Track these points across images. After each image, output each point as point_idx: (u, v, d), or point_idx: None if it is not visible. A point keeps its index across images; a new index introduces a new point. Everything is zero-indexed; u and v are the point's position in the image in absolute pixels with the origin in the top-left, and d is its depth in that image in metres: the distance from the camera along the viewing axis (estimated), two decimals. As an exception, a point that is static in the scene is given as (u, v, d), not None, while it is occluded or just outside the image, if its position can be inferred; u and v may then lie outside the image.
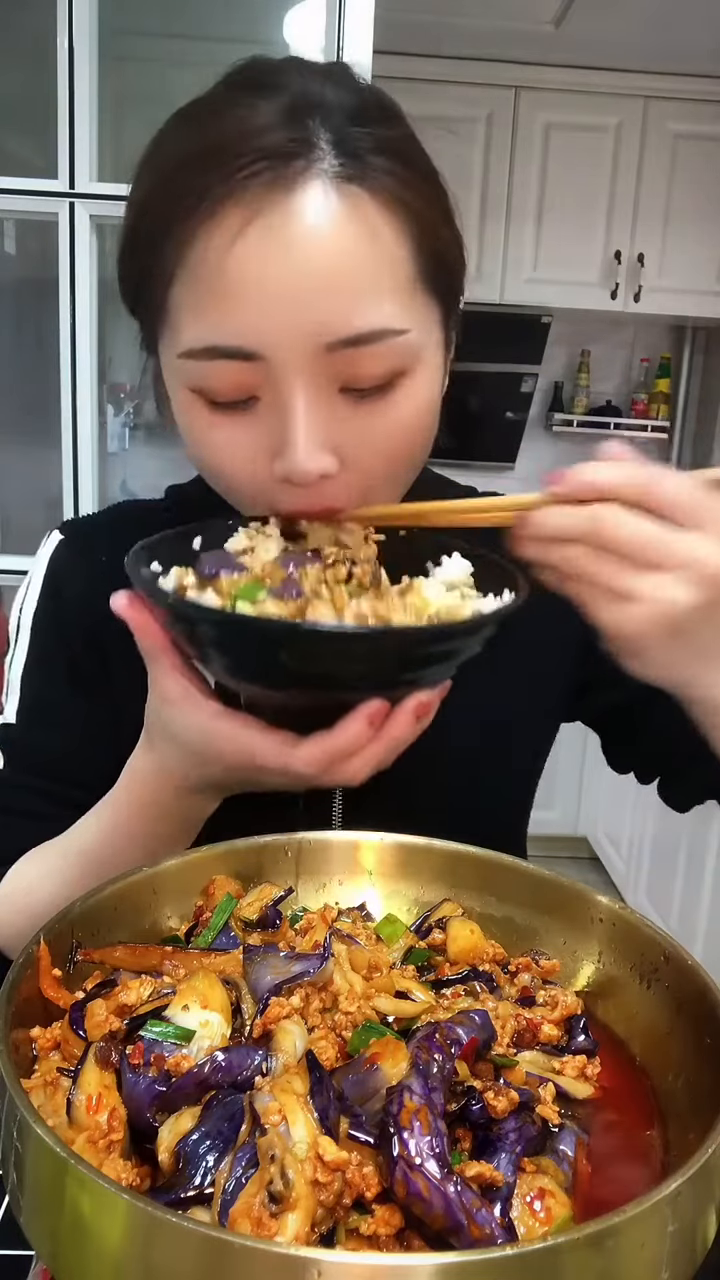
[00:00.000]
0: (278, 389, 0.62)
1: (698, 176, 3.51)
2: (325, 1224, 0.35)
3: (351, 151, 0.61)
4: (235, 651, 0.59)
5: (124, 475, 2.54)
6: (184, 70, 0.67)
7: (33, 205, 1.64)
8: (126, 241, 0.67)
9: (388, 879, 0.59)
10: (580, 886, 0.55)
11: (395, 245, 0.62)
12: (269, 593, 0.62)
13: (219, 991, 0.43)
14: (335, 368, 0.62)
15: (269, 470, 0.65)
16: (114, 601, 0.63)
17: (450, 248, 0.68)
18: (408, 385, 0.65)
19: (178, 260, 0.62)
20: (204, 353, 0.62)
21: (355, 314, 0.60)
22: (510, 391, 3.77)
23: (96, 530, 0.88)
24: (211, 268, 0.60)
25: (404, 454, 0.68)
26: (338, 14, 1.53)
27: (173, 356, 0.65)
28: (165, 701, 0.64)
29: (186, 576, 0.64)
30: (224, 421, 0.65)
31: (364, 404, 0.64)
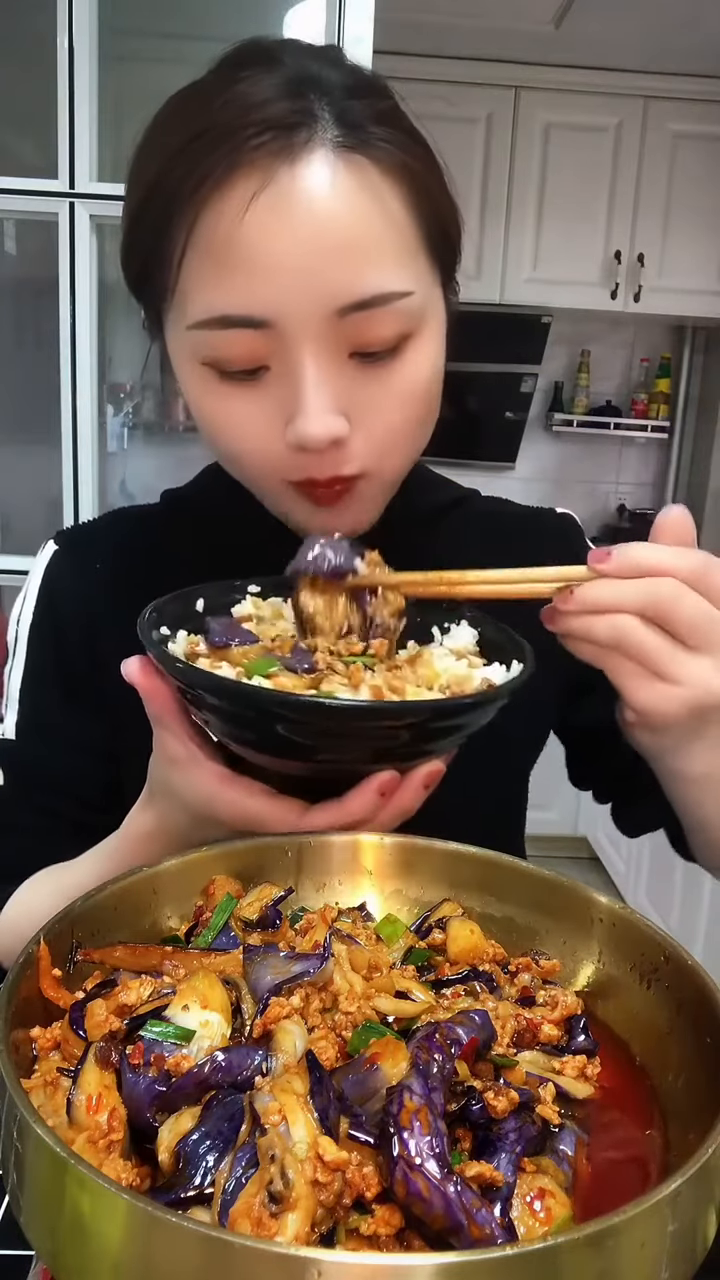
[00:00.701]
0: (288, 356, 0.63)
1: (698, 176, 3.51)
2: (325, 1224, 0.35)
3: (352, 122, 0.62)
4: (251, 724, 0.59)
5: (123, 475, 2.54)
6: (184, 70, 0.68)
7: (33, 205, 1.64)
8: (132, 224, 0.67)
9: (388, 879, 0.59)
10: (580, 886, 0.55)
11: (399, 209, 0.64)
12: (281, 665, 0.63)
13: (219, 991, 0.43)
14: (345, 332, 0.63)
15: (281, 440, 0.65)
16: (125, 668, 0.63)
17: (449, 215, 0.69)
18: (414, 348, 0.66)
19: (187, 235, 0.62)
20: (215, 322, 0.63)
21: (364, 278, 0.62)
22: (510, 391, 3.77)
23: (92, 539, 0.88)
24: (222, 238, 0.61)
25: (412, 419, 0.69)
26: (338, 14, 1.53)
27: (181, 331, 0.65)
28: (171, 764, 0.64)
29: (198, 645, 0.65)
30: (235, 393, 0.66)
31: (373, 368, 0.65)
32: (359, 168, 0.62)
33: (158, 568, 0.84)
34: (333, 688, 0.61)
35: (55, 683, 0.84)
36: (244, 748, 0.62)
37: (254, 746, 0.61)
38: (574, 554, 0.87)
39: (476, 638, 0.71)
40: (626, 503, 4.16)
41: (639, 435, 4.05)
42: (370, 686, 0.61)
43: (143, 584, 0.82)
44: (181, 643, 0.66)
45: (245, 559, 0.80)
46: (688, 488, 4.11)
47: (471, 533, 0.87)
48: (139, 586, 0.82)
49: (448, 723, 0.59)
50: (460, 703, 0.59)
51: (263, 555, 0.78)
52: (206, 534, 0.84)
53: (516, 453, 3.98)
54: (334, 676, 0.63)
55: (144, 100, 0.69)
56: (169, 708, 0.63)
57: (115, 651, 0.80)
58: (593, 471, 4.17)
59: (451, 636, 0.72)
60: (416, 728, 0.58)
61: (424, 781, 0.61)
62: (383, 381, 0.65)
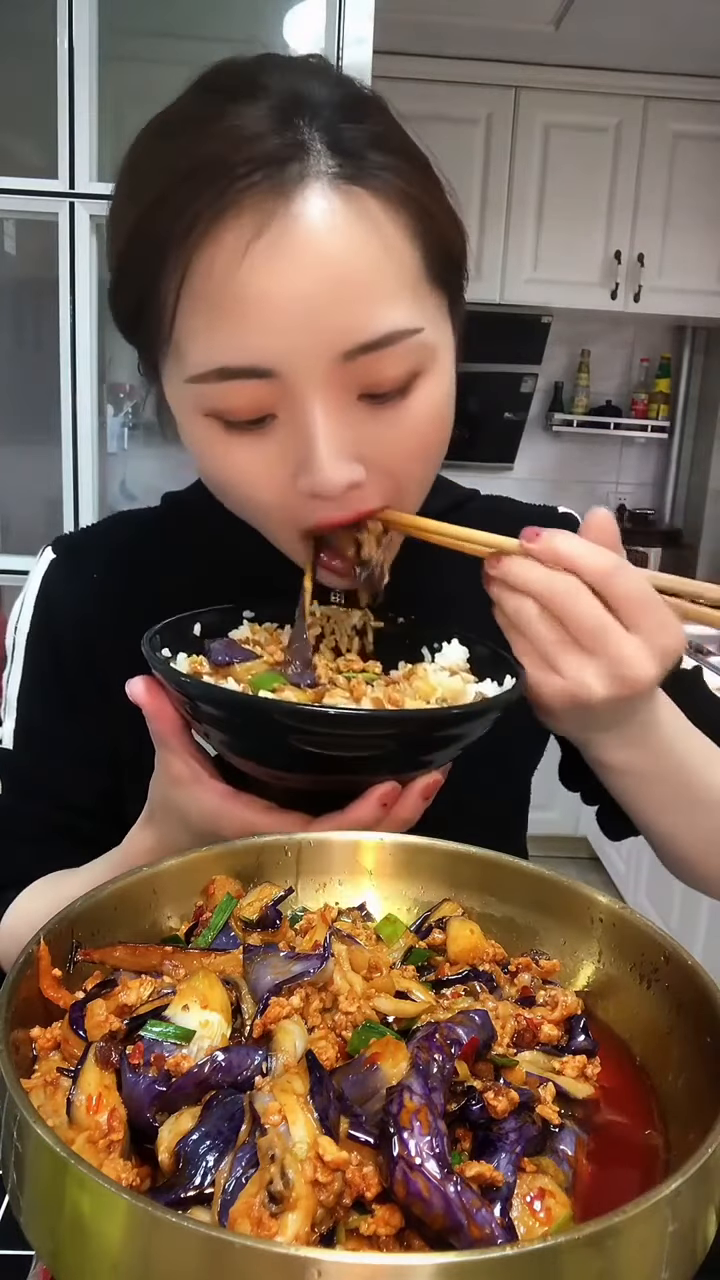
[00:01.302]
0: (295, 404, 0.60)
1: (698, 176, 3.51)
2: (325, 1224, 0.35)
3: (347, 150, 0.59)
4: (259, 737, 0.60)
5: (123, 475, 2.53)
6: (184, 70, 0.66)
7: (33, 205, 1.64)
8: (118, 272, 0.64)
9: (388, 879, 0.59)
10: (580, 886, 0.55)
11: (401, 243, 0.61)
12: (286, 679, 0.64)
13: (219, 991, 0.43)
14: (352, 376, 0.60)
15: (293, 487, 0.63)
16: (130, 687, 0.63)
17: (453, 237, 0.66)
18: (424, 385, 0.64)
19: (178, 284, 0.59)
20: (214, 374, 0.60)
21: (368, 319, 0.59)
22: (510, 391, 3.77)
23: (89, 546, 0.87)
24: (217, 288, 0.58)
25: (426, 454, 0.68)
26: (338, 14, 1.53)
27: (180, 382, 0.63)
28: (174, 783, 0.64)
29: (201, 664, 0.66)
30: (241, 443, 0.63)
31: (383, 409, 0.63)
32: (357, 200, 0.59)
33: (157, 573, 0.83)
34: (335, 701, 0.63)
35: (52, 693, 0.83)
36: (248, 762, 0.63)
37: (260, 759, 0.63)
38: None
39: (467, 655, 0.73)
40: (626, 503, 4.17)
41: (639, 435, 4.05)
42: (371, 699, 0.63)
43: (141, 591, 0.83)
44: (184, 663, 0.67)
45: (246, 562, 0.80)
46: (688, 488, 4.11)
47: None
48: (137, 594, 0.82)
49: (446, 732, 0.60)
50: (459, 712, 0.60)
51: (263, 559, 0.78)
52: (207, 537, 0.83)
53: (515, 453, 3.98)
54: (336, 690, 0.65)
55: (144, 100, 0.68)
56: (173, 727, 0.63)
57: (113, 660, 0.80)
58: (592, 471, 4.17)
59: (443, 654, 0.74)
60: (415, 737, 0.60)
61: (423, 793, 0.63)
62: (394, 422, 0.63)
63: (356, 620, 0.77)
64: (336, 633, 0.76)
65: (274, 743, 0.59)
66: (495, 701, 0.61)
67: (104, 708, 0.81)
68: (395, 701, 0.63)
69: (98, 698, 0.81)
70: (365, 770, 0.61)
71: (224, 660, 0.67)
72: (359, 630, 0.77)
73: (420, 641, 0.76)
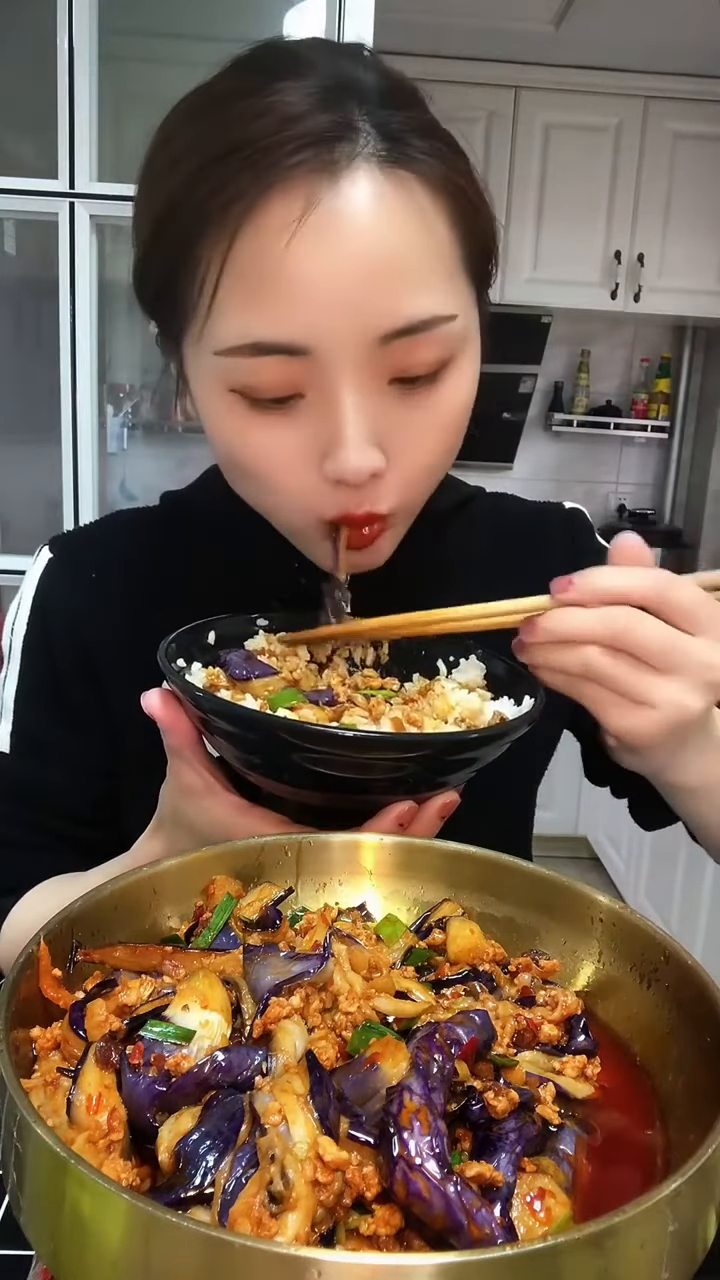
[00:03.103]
0: (326, 385, 0.60)
1: (698, 176, 3.51)
2: (325, 1224, 0.35)
3: (394, 135, 0.59)
4: (274, 756, 0.60)
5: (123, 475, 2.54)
6: (184, 70, 0.66)
7: (33, 205, 1.64)
8: (150, 243, 0.64)
9: (388, 879, 0.59)
10: (580, 886, 0.55)
11: (442, 228, 0.61)
12: (304, 698, 0.64)
13: (219, 991, 0.43)
14: (386, 359, 0.60)
15: (316, 473, 0.63)
16: (145, 700, 0.63)
17: (488, 227, 0.66)
18: (454, 373, 0.64)
19: (222, 256, 0.59)
20: (248, 349, 0.59)
21: (409, 303, 0.59)
22: (510, 391, 3.77)
23: (87, 545, 0.86)
24: (261, 263, 0.58)
25: (445, 450, 0.67)
26: (338, 14, 1.53)
27: (207, 356, 0.62)
28: (187, 794, 0.64)
29: (219, 678, 0.66)
30: (265, 422, 0.63)
31: (413, 395, 0.63)
32: (403, 184, 0.59)
33: (155, 574, 0.83)
34: (354, 720, 0.63)
35: (48, 697, 0.82)
36: (264, 778, 0.63)
37: (277, 777, 0.62)
38: (581, 550, 0.87)
39: (484, 672, 0.73)
40: (626, 503, 4.16)
41: (639, 435, 4.05)
42: (391, 719, 0.63)
43: (140, 591, 0.82)
44: (199, 675, 0.67)
45: (247, 563, 0.80)
46: (688, 488, 4.11)
47: (477, 533, 0.87)
48: (135, 594, 0.82)
49: (465, 755, 0.60)
50: (477, 736, 0.60)
51: (264, 559, 0.77)
52: (207, 537, 0.83)
53: (515, 453, 3.98)
54: (355, 709, 0.64)
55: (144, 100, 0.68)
56: (188, 740, 0.63)
57: (110, 662, 0.80)
58: (592, 471, 4.17)
59: (461, 670, 0.74)
60: (435, 759, 0.59)
61: (440, 812, 0.63)
62: (421, 409, 0.63)
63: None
64: (351, 643, 0.76)
65: (290, 762, 0.58)
66: (514, 724, 0.61)
67: (101, 710, 0.80)
68: (414, 722, 0.63)
69: (95, 700, 0.80)
70: (381, 790, 0.61)
71: (243, 675, 0.66)
72: (374, 641, 0.76)
73: (436, 654, 0.75)
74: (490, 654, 0.73)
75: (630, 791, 0.89)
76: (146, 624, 0.75)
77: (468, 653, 0.74)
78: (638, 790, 0.88)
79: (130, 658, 0.66)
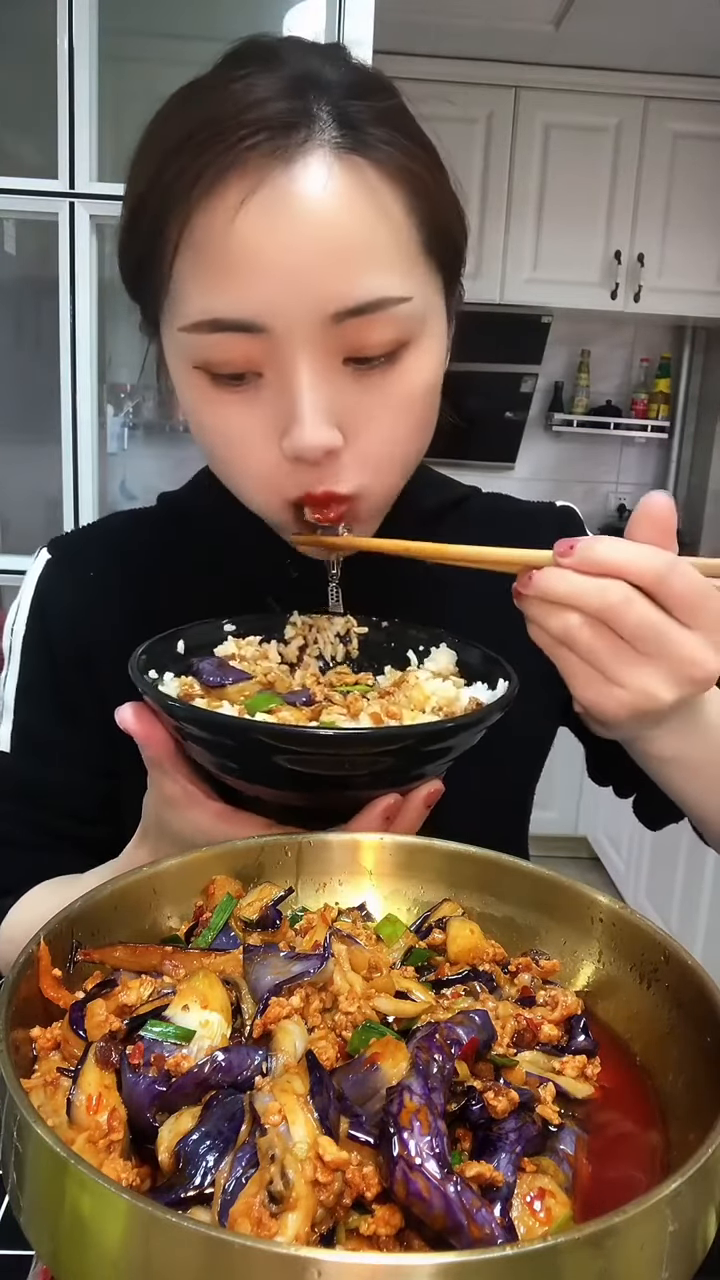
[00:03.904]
0: (282, 362, 0.61)
1: (698, 176, 3.51)
2: (325, 1224, 0.35)
3: (351, 123, 0.61)
4: (257, 762, 0.60)
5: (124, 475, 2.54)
6: (184, 70, 0.67)
7: (33, 205, 1.64)
8: (128, 223, 0.66)
9: (388, 879, 0.59)
10: (580, 886, 0.55)
11: (399, 213, 0.62)
12: (281, 699, 0.64)
13: (219, 991, 0.43)
14: (340, 338, 0.61)
15: (277, 452, 0.64)
16: (120, 715, 0.63)
17: (452, 219, 0.67)
18: (411, 356, 0.64)
19: (181, 235, 0.61)
20: (207, 325, 0.61)
21: (360, 282, 0.60)
22: (510, 391, 3.77)
23: (85, 546, 0.87)
24: (215, 240, 0.60)
25: (407, 431, 0.67)
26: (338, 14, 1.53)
27: (175, 332, 0.64)
28: (169, 805, 0.64)
29: (192, 686, 0.66)
30: (228, 399, 0.64)
31: (369, 375, 0.64)
32: (357, 169, 0.60)
33: (153, 573, 0.83)
34: (333, 718, 0.63)
35: (47, 697, 0.83)
36: (244, 782, 0.63)
37: (258, 781, 0.63)
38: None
39: (456, 659, 0.73)
40: (626, 503, 4.16)
41: (639, 435, 4.05)
42: (369, 714, 0.63)
43: (137, 591, 0.82)
44: (172, 685, 0.67)
45: (241, 560, 0.80)
46: (688, 488, 4.11)
47: (471, 533, 0.87)
48: (133, 594, 0.82)
49: (442, 745, 0.60)
50: (453, 724, 0.60)
51: (260, 557, 0.78)
52: (202, 536, 0.83)
53: (516, 453, 3.98)
54: (333, 707, 0.65)
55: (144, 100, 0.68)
56: (165, 751, 0.63)
57: (109, 662, 0.80)
58: (592, 471, 4.17)
59: (432, 659, 0.74)
60: (415, 750, 0.59)
61: (426, 802, 0.63)
62: (378, 390, 0.64)
63: (340, 627, 0.77)
64: (320, 640, 0.76)
65: (271, 765, 0.59)
66: (489, 709, 0.61)
67: (100, 709, 0.80)
68: (393, 714, 0.63)
69: (94, 700, 0.80)
70: (364, 785, 0.61)
71: (216, 682, 0.66)
72: (343, 637, 0.77)
73: (405, 644, 0.76)
74: (461, 641, 0.74)
75: (633, 791, 0.89)
76: (145, 623, 0.75)
77: (437, 641, 0.75)
78: (641, 789, 0.88)
79: (126, 657, 0.66)
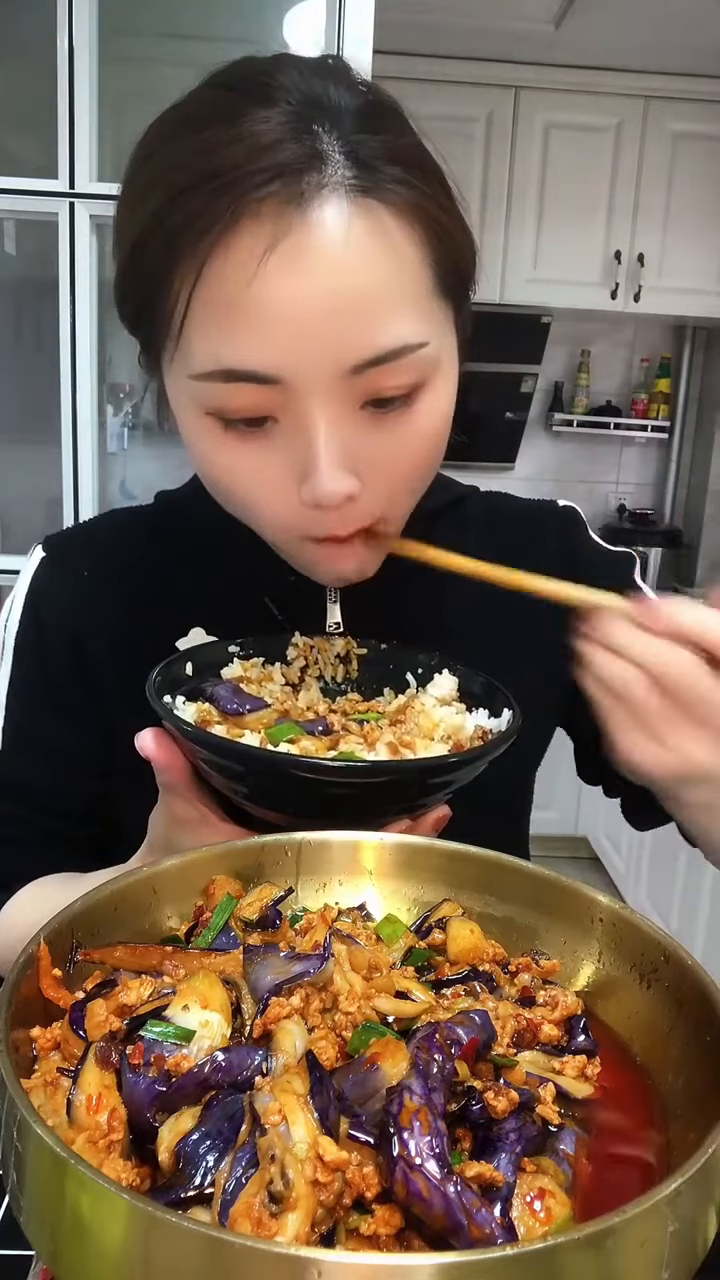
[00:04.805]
0: (298, 412, 0.61)
1: (698, 176, 3.51)
2: (325, 1224, 0.35)
3: (364, 162, 0.59)
4: (278, 791, 0.62)
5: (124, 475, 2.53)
6: (184, 70, 0.66)
7: (33, 205, 1.64)
8: (127, 266, 0.64)
9: (388, 879, 0.59)
10: (580, 886, 0.55)
11: (413, 256, 0.61)
12: (300, 729, 0.66)
13: (219, 991, 0.43)
14: (358, 388, 0.61)
15: (293, 494, 0.63)
16: (139, 741, 0.64)
17: (464, 250, 0.66)
18: (427, 396, 0.64)
19: (193, 286, 0.59)
20: (220, 375, 0.60)
21: (379, 333, 0.59)
22: (510, 391, 3.77)
23: (79, 544, 0.87)
24: (229, 294, 0.58)
25: (422, 466, 0.68)
26: (338, 14, 1.53)
27: (183, 378, 0.63)
28: (182, 826, 0.65)
29: (210, 714, 0.68)
30: (241, 446, 0.63)
31: (385, 420, 0.63)
32: (372, 213, 0.59)
33: (148, 572, 0.83)
34: (350, 747, 0.65)
35: (40, 696, 0.83)
36: (262, 808, 0.65)
37: (277, 809, 0.64)
38: (573, 548, 0.87)
39: (457, 685, 0.75)
40: (626, 503, 4.16)
41: (639, 435, 4.05)
42: (385, 744, 0.65)
43: (132, 590, 0.82)
44: (188, 710, 0.68)
45: (238, 561, 0.80)
46: (688, 488, 4.11)
47: (469, 532, 0.87)
48: (128, 593, 0.82)
49: (454, 775, 0.63)
50: (459, 758, 0.62)
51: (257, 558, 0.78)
52: (199, 536, 0.83)
53: (517, 453, 3.98)
54: (350, 737, 0.66)
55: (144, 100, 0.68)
56: (184, 777, 0.64)
57: (103, 661, 0.80)
58: (593, 471, 4.17)
59: (434, 685, 0.75)
60: (434, 780, 0.62)
61: (435, 826, 0.64)
62: (394, 432, 0.63)
63: (340, 648, 0.78)
64: (320, 661, 0.77)
65: (292, 795, 0.61)
66: (497, 741, 0.64)
67: (94, 707, 0.81)
68: (408, 745, 0.65)
69: (87, 699, 0.80)
70: (379, 813, 0.63)
71: (235, 710, 0.67)
72: (343, 658, 0.77)
73: (404, 666, 0.77)
74: (461, 668, 0.76)
75: (621, 792, 0.89)
76: (139, 622, 0.75)
77: (439, 666, 0.76)
78: (629, 791, 0.88)
79: (122, 656, 0.66)
